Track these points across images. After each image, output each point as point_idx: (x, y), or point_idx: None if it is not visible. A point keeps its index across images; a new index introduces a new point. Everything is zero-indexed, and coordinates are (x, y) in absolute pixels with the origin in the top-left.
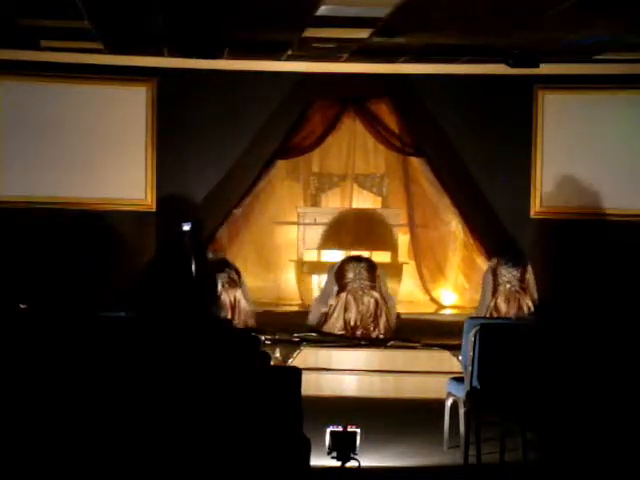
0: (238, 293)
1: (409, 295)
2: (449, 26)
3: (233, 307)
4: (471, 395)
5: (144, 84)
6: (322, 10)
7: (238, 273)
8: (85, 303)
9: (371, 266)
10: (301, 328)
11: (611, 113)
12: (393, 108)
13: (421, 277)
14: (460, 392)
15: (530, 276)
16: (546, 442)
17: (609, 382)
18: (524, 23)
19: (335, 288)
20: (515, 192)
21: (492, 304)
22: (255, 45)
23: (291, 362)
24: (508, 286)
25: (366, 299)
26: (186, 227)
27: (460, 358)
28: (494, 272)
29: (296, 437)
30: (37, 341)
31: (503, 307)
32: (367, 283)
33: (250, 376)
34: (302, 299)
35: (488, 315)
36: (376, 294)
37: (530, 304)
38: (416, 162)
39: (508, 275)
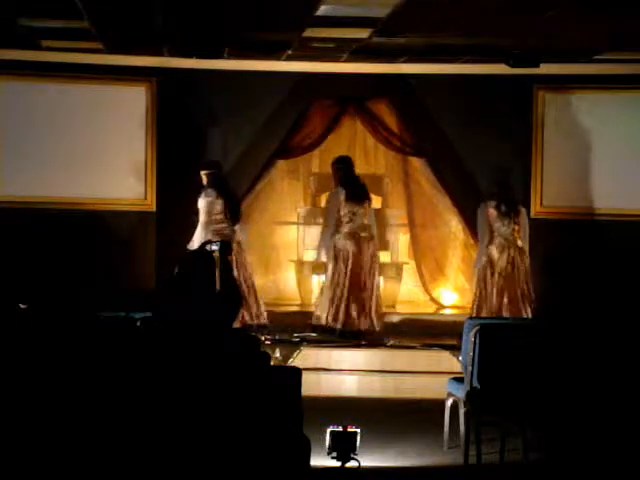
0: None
1: (409, 295)
2: (449, 26)
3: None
4: (471, 395)
5: (144, 84)
6: (322, 10)
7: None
8: (85, 303)
9: (366, 209)
10: (301, 328)
11: (611, 113)
12: (393, 108)
13: (421, 277)
14: (460, 392)
15: (523, 219)
16: (546, 442)
17: (609, 382)
18: (524, 23)
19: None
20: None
21: (488, 251)
22: (255, 45)
23: (291, 362)
24: (501, 239)
25: (366, 249)
26: (214, 247)
27: (460, 358)
28: (488, 220)
29: (296, 437)
30: (37, 341)
31: (495, 254)
32: (364, 223)
33: (250, 376)
34: (302, 299)
35: (484, 260)
36: (372, 248)
37: (519, 257)
38: (416, 162)
39: (502, 228)
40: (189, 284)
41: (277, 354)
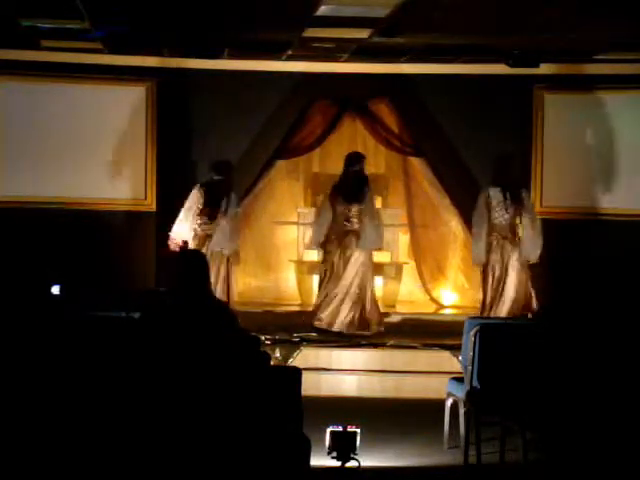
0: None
1: (409, 295)
2: (449, 26)
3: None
4: (471, 395)
5: (144, 84)
6: (322, 10)
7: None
8: (85, 303)
9: (361, 207)
10: (301, 328)
11: (611, 113)
12: (393, 108)
13: (421, 277)
14: (460, 392)
15: (527, 208)
16: (546, 442)
17: (609, 382)
18: (524, 23)
19: (325, 228)
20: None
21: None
22: (255, 45)
23: (291, 362)
24: (496, 233)
25: (351, 250)
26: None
27: (460, 358)
28: (488, 207)
29: (296, 437)
30: (36, 341)
31: (494, 246)
32: (356, 222)
33: (250, 376)
34: (302, 299)
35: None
36: (360, 249)
37: (512, 253)
38: (416, 162)
39: (498, 219)
40: (182, 282)
41: (277, 354)
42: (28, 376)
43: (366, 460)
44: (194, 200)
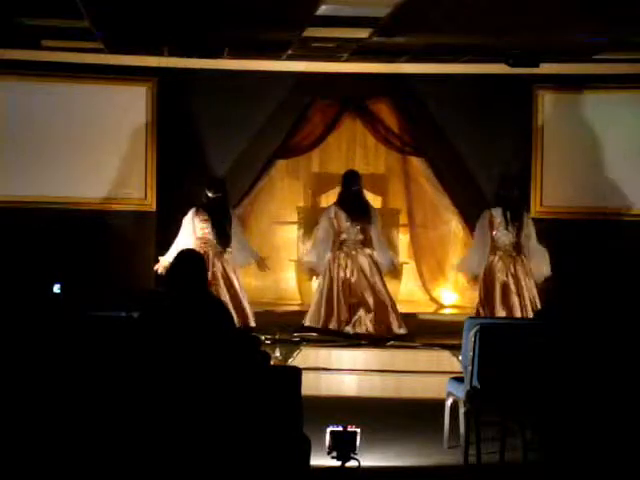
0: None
1: (409, 295)
2: (449, 26)
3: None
4: (471, 395)
5: (144, 84)
6: (322, 10)
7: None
8: (84, 303)
9: (365, 226)
10: (301, 327)
11: (611, 113)
12: (393, 108)
13: (421, 277)
14: (460, 392)
15: (528, 224)
16: (546, 442)
17: (609, 382)
18: (524, 23)
19: (330, 241)
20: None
21: (490, 260)
22: (255, 45)
23: (291, 362)
24: (500, 251)
25: (360, 258)
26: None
27: (460, 358)
28: (491, 226)
29: (296, 437)
30: (37, 342)
31: (500, 265)
32: (360, 239)
33: (250, 376)
34: (302, 299)
35: (482, 270)
36: (368, 250)
37: (521, 269)
38: (416, 162)
39: (502, 238)
40: (180, 281)
41: (277, 354)
42: (28, 375)
43: (366, 460)
44: (192, 225)
